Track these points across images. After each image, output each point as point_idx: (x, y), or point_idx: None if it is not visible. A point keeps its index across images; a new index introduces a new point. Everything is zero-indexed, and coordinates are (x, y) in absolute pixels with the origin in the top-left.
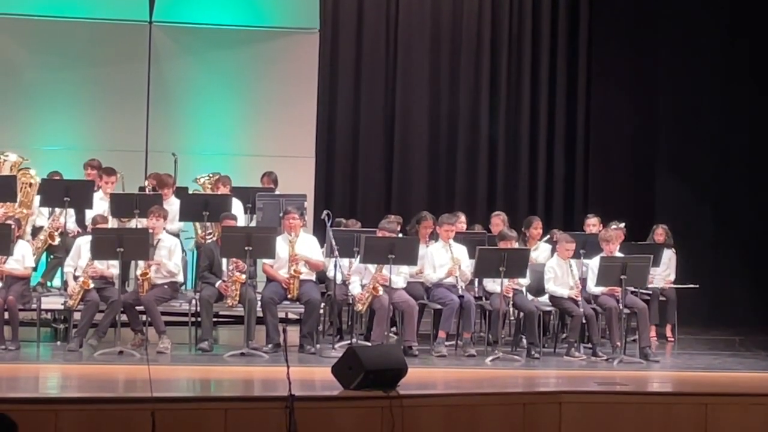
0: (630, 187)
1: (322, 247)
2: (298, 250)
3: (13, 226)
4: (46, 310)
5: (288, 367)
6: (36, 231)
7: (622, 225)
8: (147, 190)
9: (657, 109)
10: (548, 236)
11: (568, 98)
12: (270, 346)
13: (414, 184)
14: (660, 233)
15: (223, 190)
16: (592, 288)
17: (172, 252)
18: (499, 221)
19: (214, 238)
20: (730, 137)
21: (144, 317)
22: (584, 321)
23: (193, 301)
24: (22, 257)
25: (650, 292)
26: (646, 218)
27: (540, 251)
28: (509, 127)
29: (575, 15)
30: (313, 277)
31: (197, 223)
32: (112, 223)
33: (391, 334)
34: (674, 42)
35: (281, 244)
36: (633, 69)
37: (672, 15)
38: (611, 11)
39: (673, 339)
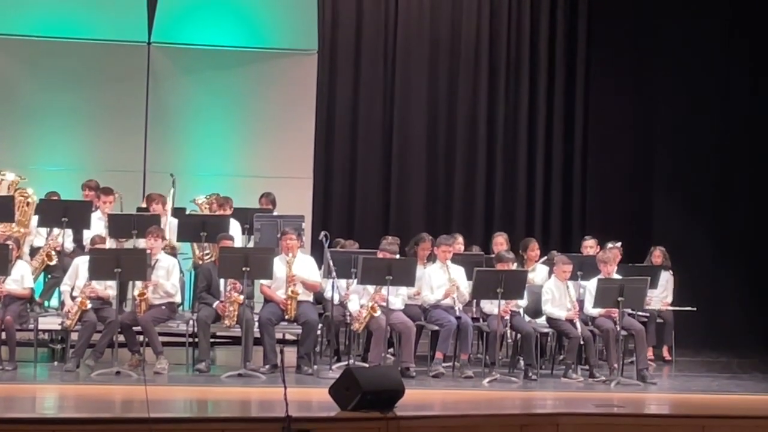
0: (628, 209)
1: (320, 268)
2: (296, 270)
3: (11, 247)
4: (44, 331)
5: (285, 388)
6: (34, 251)
7: (618, 244)
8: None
9: (655, 131)
10: (546, 258)
11: (566, 119)
12: (267, 367)
13: (412, 205)
14: (657, 255)
15: (227, 211)
16: (590, 310)
17: (169, 272)
18: (502, 240)
19: (212, 259)
20: (729, 159)
21: (141, 338)
22: (582, 343)
23: (191, 322)
24: (21, 277)
25: (647, 314)
26: (643, 240)
27: (537, 273)
28: (507, 149)
29: (573, 35)
30: (311, 298)
31: (195, 244)
32: (110, 243)
33: (388, 356)
34: (673, 64)
35: (279, 265)
36: (631, 90)
37: (670, 38)
38: (609, 32)
39: (670, 361)
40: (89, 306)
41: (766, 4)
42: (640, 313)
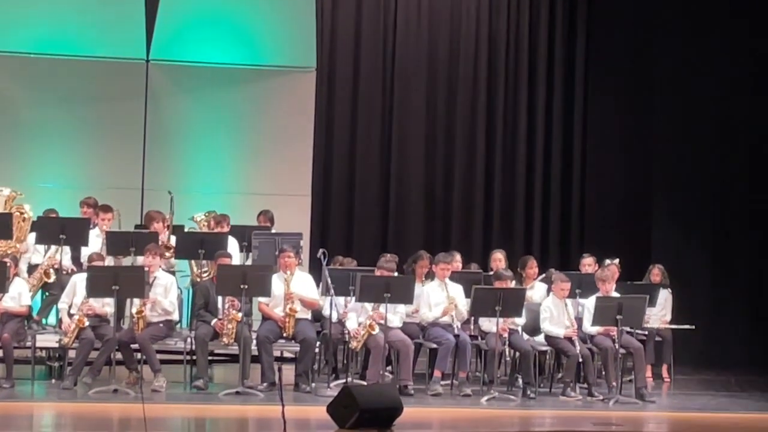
0: (626, 227)
1: (318, 285)
2: (294, 288)
3: (9, 264)
4: (41, 348)
5: (283, 406)
6: (32, 268)
7: (616, 261)
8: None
9: (653, 148)
10: (544, 275)
11: (565, 137)
12: (265, 384)
13: (410, 222)
14: (656, 273)
15: (224, 229)
16: (588, 328)
17: (167, 290)
18: (500, 256)
19: (210, 276)
20: (727, 178)
21: (139, 355)
22: (580, 361)
23: (189, 340)
24: (19, 295)
25: (646, 332)
26: (642, 258)
27: (536, 290)
28: (505, 166)
29: (571, 55)
30: (309, 316)
31: (193, 261)
32: (108, 260)
33: (386, 373)
34: (671, 82)
35: (277, 283)
36: (630, 108)
37: (668, 57)
38: (607, 52)
39: (669, 379)
40: (87, 323)
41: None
42: (638, 332)
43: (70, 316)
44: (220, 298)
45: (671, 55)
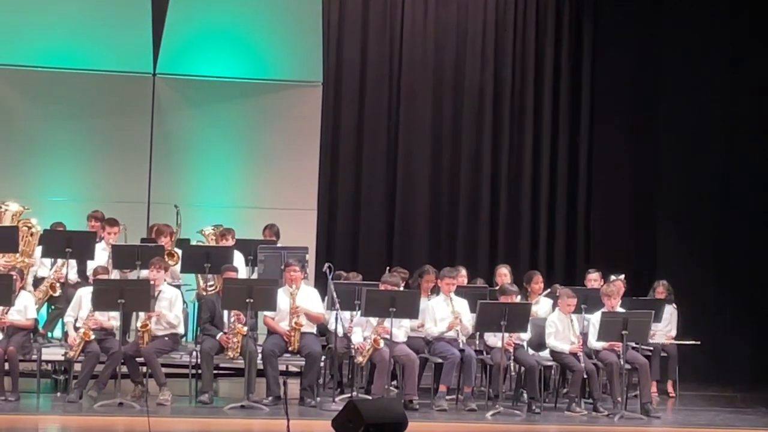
0: (631, 242)
1: (323, 300)
2: (299, 302)
3: (15, 277)
4: (47, 361)
5: (288, 420)
6: (38, 282)
7: (621, 276)
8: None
9: (658, 165)
10: (549, 291)
11: (570, 154)
12: (270, 398)
13: (415, 237)
14: (661, 292)
15: (228, 242)
16: (593, 343)
17: (172, 303)
18: (505, 271)
19: (216, 290)
20: (732, 194)
21: (144, 369)
22: (585, 376)
23: (194, 353)
24: (24, 308)
25: (651, 347)
26: (647, 274)
27: (541, 306)
28: (511, 181)
29: (578, 71)
30: (314, 330)
31: (199, 275)
32: (114, 274)
33: (391, 388)
34: (675, 100)
35: (282, 297)
36: (635, 125)
37: (672, 78)
38: (613, 69)
39: (674, 395)
40: (92, 337)
41: None
42: (644, 347)
43: (76, 329)
44: (225, 312)
45: (675, 76)
